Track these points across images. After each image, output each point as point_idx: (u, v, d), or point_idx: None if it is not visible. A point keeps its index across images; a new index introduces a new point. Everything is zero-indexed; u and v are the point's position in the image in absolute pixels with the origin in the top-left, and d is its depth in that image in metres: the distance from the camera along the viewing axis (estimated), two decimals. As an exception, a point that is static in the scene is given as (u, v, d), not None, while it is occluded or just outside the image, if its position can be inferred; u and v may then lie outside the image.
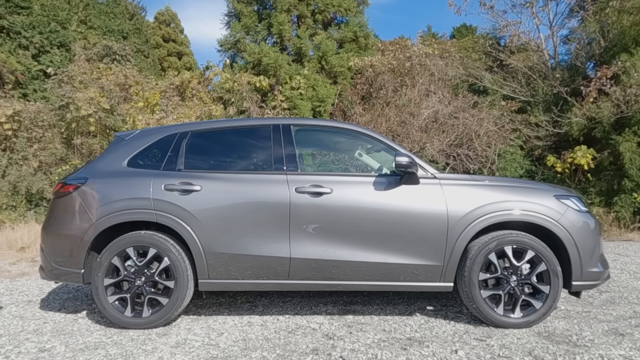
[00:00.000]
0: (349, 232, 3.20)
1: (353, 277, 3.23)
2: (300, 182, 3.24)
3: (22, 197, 9.28)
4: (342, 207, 3.21)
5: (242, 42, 13.34)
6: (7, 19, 13.23)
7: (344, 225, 3.20)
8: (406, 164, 3.10)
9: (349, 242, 3.20)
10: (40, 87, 13.17)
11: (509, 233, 3.20)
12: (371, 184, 3.26)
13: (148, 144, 3.55)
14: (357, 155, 3.97)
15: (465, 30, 17.77)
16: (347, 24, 13.47)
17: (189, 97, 11.04)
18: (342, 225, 3.20)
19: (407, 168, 3.12)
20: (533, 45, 12.03)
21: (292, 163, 3.29)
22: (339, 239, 3.20)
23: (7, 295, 4.37)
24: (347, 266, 3.20)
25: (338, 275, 3.23)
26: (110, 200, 3.27)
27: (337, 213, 3.20)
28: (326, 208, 3.20)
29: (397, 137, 10.12)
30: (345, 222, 3.20)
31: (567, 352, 2.73)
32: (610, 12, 9.83)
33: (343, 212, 3.20)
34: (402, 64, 11.25)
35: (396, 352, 2.77)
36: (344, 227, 3.20)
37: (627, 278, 4.83)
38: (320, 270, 3.21)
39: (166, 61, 22.54)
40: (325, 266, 3.20)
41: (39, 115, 10.04)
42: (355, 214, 3.20)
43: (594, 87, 9.50)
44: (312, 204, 3.20)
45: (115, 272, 3.26)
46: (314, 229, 3.19)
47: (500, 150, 10.26)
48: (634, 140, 8.84)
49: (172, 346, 2.91)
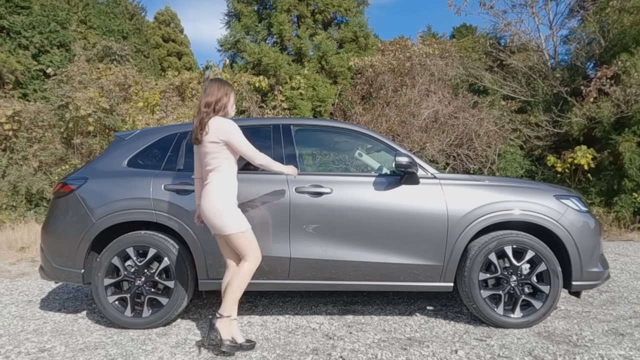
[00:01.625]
0: (349, 232, 3.19)
1: (353, 277, 3.23)
2: (300, 182, 3.23)
3: (22, 197, 9.28)
4: (342, 207, 3.20)
5: (242, 42, 13.35)
6: (7, 19, 13.23)
7: (344, 225, 3.20)
8: (406, 163, 3.10)
9: (349, 242, 3.20)
10: (40, 87, 13.18)
11: (509, 233, 3.20)
12: (371, 184, 3.26)
13: (148, 144, 3.54)
14: (357, 155, 3.97)
15: (465, 30, 17.78)
16: (347, 24, 13.47)
17: (189, 97, 11.03)
18: (342, 225, 3.20)
19: (407, 168, 3.11)
20: (533, 45, 12.03)
21: (292, 163, 3.29)
22: (339, 239, 3.19)
23: (7, 295, 4.37)
24: (347, 266, 3.20)
25: (338, 275, 3.23)
26: (110, 200, 3.27)
27: (337, 213, 3.20)
28: (326, 208, 3.20)
29: (397, 137, 10.12)
30: (346, 222, 3.20)
31: (567, 352, 2.73)
32: (611, 11, 9.83)
33: (343, 212, 3.20)
34: (402, 64, 11.24)
35: (396, 352, 2.77)
36: (344, 227, 3.19)
37: (627, 278, 4.83)
38: (320, 270, 3.21)
39: (166, 61, 22.55)
40: (325, 266, 3.20)
41: (39, 115, 10.04)
42: (356, 214, 3.20)
43: (594, 87, 9.50)
44: (312, 204, 3.20)
45: (115, 272, 3.25)
46: (314, 229, 3.19)
47: (500, 150, 10.26)
48: (633, 140, 8.84)
49: (172, 346, 2.91)
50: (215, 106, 2.76)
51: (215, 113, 2.76)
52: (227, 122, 2.75)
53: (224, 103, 2.79)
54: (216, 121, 2.72)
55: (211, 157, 2.75)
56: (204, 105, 2.75)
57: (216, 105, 2.76)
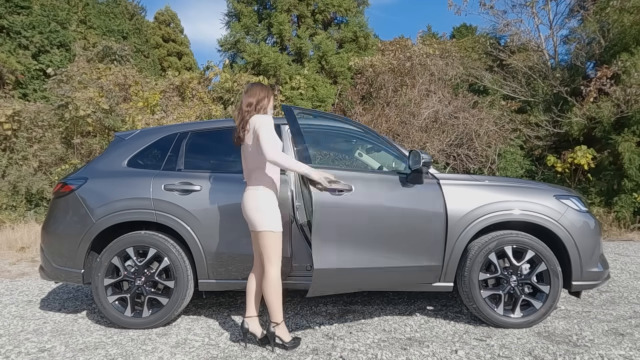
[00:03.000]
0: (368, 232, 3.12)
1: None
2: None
3: (22, 197, 9.29)
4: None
5: (242, 42, 13.36)
6: (7, 19, 13.24)
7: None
8: (428, 162, 3.03)
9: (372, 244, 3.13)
10: (40, 87, 13.19)
11: (509, 233, 3.20)
12: (387, 181, 3.20)
13: (148, 144, 3.54)
14: (357, 155, 3.97)
15: (465, 30, 17.78)
16: (347, 24, 13.48)
17: (189, 97, 11.04)
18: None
19: (426, 167, 3.06)
20: (533, 45, 12.03)
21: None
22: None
23: (7, 295, 4.37)
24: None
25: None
26: (110, 200, 3.27)
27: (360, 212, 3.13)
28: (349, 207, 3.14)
29: (397, 137, 10.11)
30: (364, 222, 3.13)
31: (567, 352, 2.73)
32: (611, 11, 9.83)
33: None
34: (402, 63, 11.24)
35: (396, 352, 2.77)
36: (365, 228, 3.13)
37: (627, 278, 4.83)
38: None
39: (166, 61, 22.56)
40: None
41: (39, 115, 10.05)
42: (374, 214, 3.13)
43: (594, 86, 9.50)
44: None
45: (115, 272, 3.25)
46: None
47: (500, 150, 10.26)
48: (633, 140, 8.84)
49: (172, 346, 2.91)
50: (257, 106, 2.82)
51: (256, 112, 2.81)
52: (264, 116, 2.79)
53: (264, 104, 2.86)
54: (255, 117, 2.77)
55: (253, 156, 2.79)
56: (245, 105, 2.81)
57: (257, 105, 2.82)
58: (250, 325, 2.86)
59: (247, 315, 2.88)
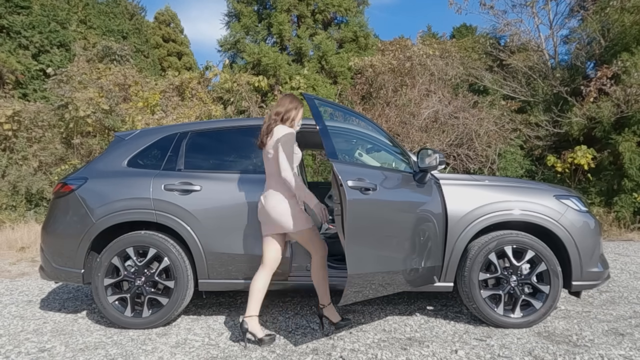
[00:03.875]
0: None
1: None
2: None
3: (22, 197, 9.29)
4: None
5: (242, 42, 13.36)
6: (7, 19, 13.24)
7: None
8: (440, 163, 3.05)
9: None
10: (40, 87, 13.19)
11: (509, 233, 3.20)
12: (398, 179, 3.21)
13: (148, 144, 3.54)
14: (357, 155, 3.96)
15: (465, 30, 17.78)
16: (347, 24, 13.49)
17: (189, 97, 11.04)
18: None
19: (437, 167, 3.08)
20: (533, 45, 12.03)
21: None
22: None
23: (7, 295, 4.37)
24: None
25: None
26: (110, 200, 3.27)
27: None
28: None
29: (398, 137, 10.11)
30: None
31: (567, 352, 2.73)
32: (611, 11, 9.84)
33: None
34: (402, 64, 11.24)
35: (396, 352, 2.77)
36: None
37: (627, 278, 4.83)
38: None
39: (166, 61, 22.56)
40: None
41: (39, 115, 10.05)
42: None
43: (594, 86, 9.50)
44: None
45: (115, 272, 3.25)
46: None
47: (500, 150, 10.26)
48: (633, 140, 8.84)
49: (172, 346, 2.91)
50: (284, 116, 2.94)
51: (282, 122, 2.93)
52: (288, 129, 2.89)
53: (292, 115, 2.97)
54: (280, 128, 2.89)
55: (271, 163, 2.90)
56: (274, 114, 2.95)
57: (285, 115, 2.94)
58: (250, 325, 2.86)
59: (247, 315, 2.88)
